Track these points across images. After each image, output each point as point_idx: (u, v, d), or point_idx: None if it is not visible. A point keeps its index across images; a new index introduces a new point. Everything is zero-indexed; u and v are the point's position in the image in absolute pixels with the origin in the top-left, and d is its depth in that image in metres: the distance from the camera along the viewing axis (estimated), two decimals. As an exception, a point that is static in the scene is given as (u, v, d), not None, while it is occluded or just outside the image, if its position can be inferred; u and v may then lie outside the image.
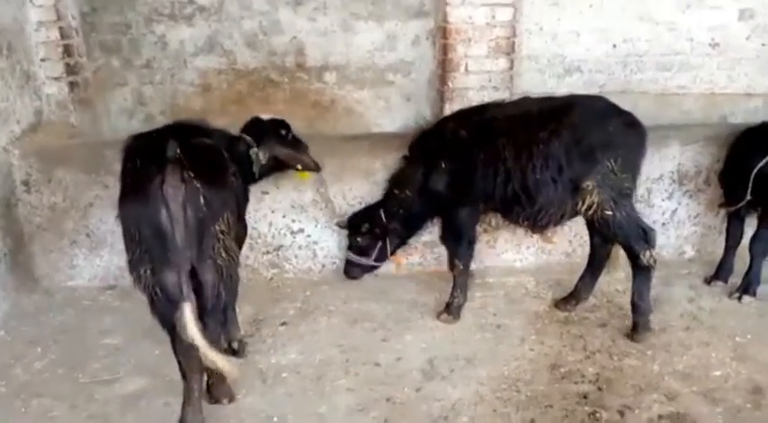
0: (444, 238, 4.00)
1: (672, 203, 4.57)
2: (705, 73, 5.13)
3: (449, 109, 4.58)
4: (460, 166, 3.68)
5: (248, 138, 3.45)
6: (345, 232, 4.23)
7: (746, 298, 4.04)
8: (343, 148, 4.42)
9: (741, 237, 4.23)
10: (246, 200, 3.49)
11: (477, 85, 4.68)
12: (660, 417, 3.03)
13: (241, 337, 3.58)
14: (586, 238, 4.56)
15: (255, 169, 3.47)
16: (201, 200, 2.62)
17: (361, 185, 4.34)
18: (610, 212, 3.48)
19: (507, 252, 4.63)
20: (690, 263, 4.61)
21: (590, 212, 3.52)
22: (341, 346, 3.62)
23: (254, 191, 4.17)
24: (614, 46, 4.99)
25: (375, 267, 4.16)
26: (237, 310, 3.88)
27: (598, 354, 3.53)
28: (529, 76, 5.01)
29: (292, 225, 4.35)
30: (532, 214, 3.65)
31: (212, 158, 2.87)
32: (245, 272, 4.34)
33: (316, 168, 3.81)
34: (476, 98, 4.57)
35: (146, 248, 2.67)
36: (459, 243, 3.90)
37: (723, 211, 4.36)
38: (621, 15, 4.92)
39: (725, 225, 4.36)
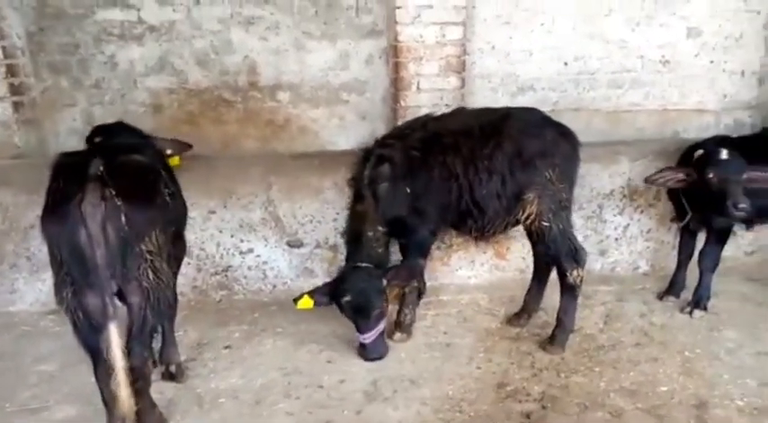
0: (405, 259, 3.86)
1: (624, 219, 4.58)
2: (657, 90, 5.19)
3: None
4: (421, 185, 3.62)
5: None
6: (297, 250, 4.17)
7: (697, 312, 4.04)
8: (293, 167, 4.38)
9: (693, 252, 4.24)
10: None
11: (429, 103, 4.67)
12: (604, 435, 2.98)
13: (180, 362, 3.47)
14: (540, 254, 4.58)
15: None
16: (123, 218, 2.54)
17: (311, 204, 4.29)
18: (547, 223, 3.50)
19: (461, 269, 4.60)
20: (644, 278, 4.61)
21: (528, 222, 3.54)
22: (284, 369, 3.53)
23: (201, 210, 4.15)
24: (566, 64, 5.04)
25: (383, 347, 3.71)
26: (181, 333, 3.83)
27: (545, 371, 3.48)
28: (482, 94, 5.03)
29: (241, 245, 4.28)
30: (482, 226, 3.65)
31: (139, 176, 2.80)
32: (193, 294, 4.30)
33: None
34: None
35: (67, 270, 2.59)
36: (419, 263, 3.83)
37: (674, 227, 4.37)
38: (573, 34, 4.98)
39: (677, 240, 4.37)
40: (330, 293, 3.55)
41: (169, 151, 3.63)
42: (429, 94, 4.66)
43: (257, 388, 3.37)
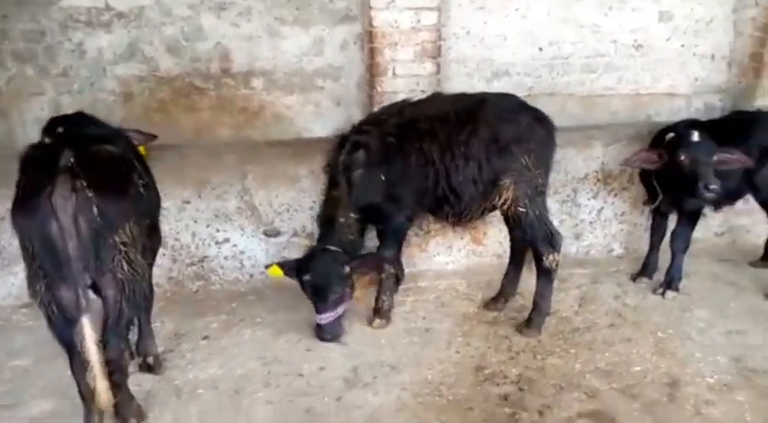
0: (382, 246, 3.89)
1: (598, 202, 4.64)
2: (630, 74, 5.24)
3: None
4: (397, 172, 3.62)
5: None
6: (274, 239, 4.15)
7: (669, 293, 4.12)
8: (269, 155, 4.34)
9: (665, 234, 4.32)
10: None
11: (405, 88, 4.65)
12: (579, 415, 3.04)
13: (158, 353, 3.44)
14: (516, 238, 4.62)
15: None
16: (95, 210, 2.50)
17: (287, 192, 4.26)
18: (523, 209, 3.54)
19: (439, 255, 4.62)
20: (618, 260, 4.69)
21: (505, 207, 3.57)
22: (263, 359, 3.53)
23: (175, 200, 4.10)
24: (540, 49, 5.05)
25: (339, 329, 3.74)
26: (158, 324, 3.80)
27: (522, 354, 3.54)
28: (458, 79, 5.02)
29: (217, 235, 4.24)
30: (459, 211, 3.69)
31: (110, 167, 2.74)
32: (169, 285, 4.25)
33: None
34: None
35: (39, 263, 2.55)
36: (395, 249, 3.87)
37: (647, 209, 4.44)
38: (546, 19, 4.99)
39: (649, 222, 4.45)
40: (295, 269, 3.60)
41: (135, 142, 3.56)
42: (405, 80, 4.64)
43: (236, 378, 3.36)
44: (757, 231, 4.79)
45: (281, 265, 3.66)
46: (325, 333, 3.63)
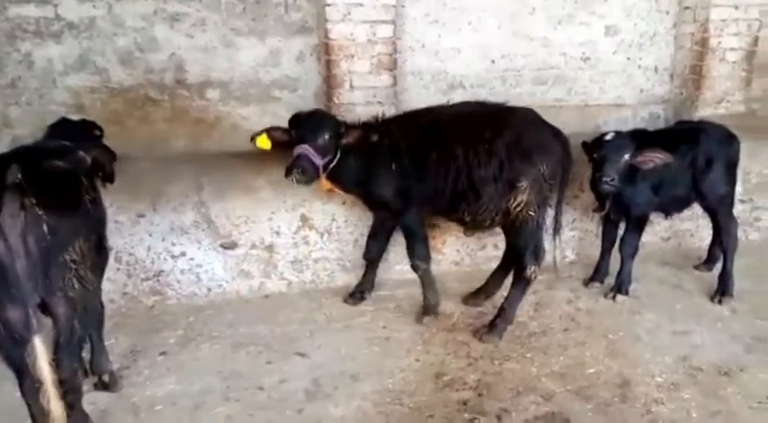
0: (407, 244, 4.07)
1: (550, 209, 4.76)
2: (579, 86, 5.44)
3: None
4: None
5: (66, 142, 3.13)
6: (232, 252, 4.11)
7: (620, 297, 4.27)
8: (225, 166, 4.31)
9: (614, 240, 4.47)
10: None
11: (362, 100, 4.72)
12: (536, 418, 3.11)
13: (113, 370, 3.36)
14: (473, 247, 4.73)
15: None
16: (45, 228, 2.44)
17: (245, 204, 4.24)
18: (533, 214, 3.71)
19: (399, 264, 4.66)
20: (571, 266, 4.83)
21: (518, 210, 3.69)
22: (222, 373, 3.49)
23: (129, 214, 4.03)
24: (493, 62, 5.19)
25: (317, 176, 3.73)
26: (113, 340, 3.72)
27: (481, 360, 3.60)
28: (414, 91, 5.11)
29: (173, 248, 4.17)
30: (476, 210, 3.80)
31: (60, 183, 2.68)
32: (123, 300, 4.17)
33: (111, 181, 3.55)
34: (363, 113, 4.57)
35: (-13, 283, 2.47)
36: (417, 243, 3.99)
37: (597, 216, 4.60)
38: (498, 32, 5.14)
39: (600, 229, 4.60)
40: (290, 122, 3.78)
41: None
42: (362, 92, 4.71)
43: (195, 393, 3.31)
44: (701, 235, 5.03)
45: (270, 130, 3.77)
46: (296, 165, 3.59)
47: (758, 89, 5.71)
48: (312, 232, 4.42)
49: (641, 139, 4.00)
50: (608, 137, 3.95)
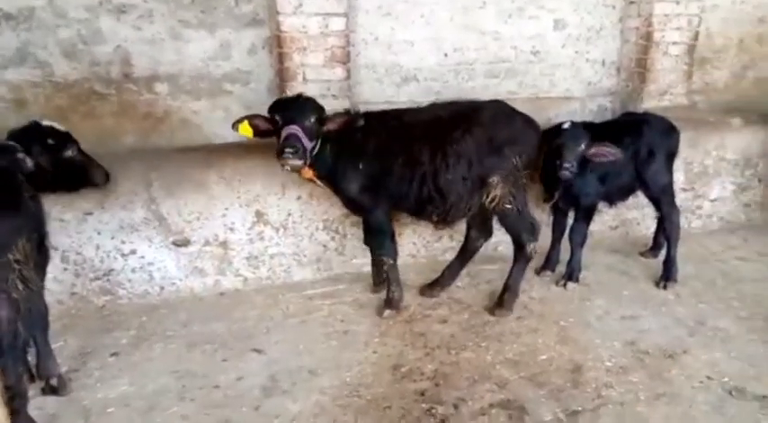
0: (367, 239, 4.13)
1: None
2: (529, 79, 5.54)
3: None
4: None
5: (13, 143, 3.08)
6: (185, 249, 4.03)
7: (570, 284, 4.40)
8: (176, 161, 4.22)
9: (564, 229, 4.59)
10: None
11: (316, 93, 4.63)
12: (491, 405, 3.17)
13: (61, 373, 3.26)
14: (429, 239, 4.78)
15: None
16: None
17: (196, 199, 4.16)
18: (509, 206, 3.83)
19: (356, 258, 4.67)
20: (524, 255, 4.92)
21: (492, 205, 3.82)
22: (177, 372, 3.43)
23: (75, 212, 3.91)
24: (446, 55, 5.23)
25: (307, 159, 3.59)
26: (62, 343, 3.63)
27: (437, 349, 3.65)
28: (368, 84, 5.11)
29: (122, 247, 4.06)
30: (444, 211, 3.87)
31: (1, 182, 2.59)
32: (72, 301, 4.05)
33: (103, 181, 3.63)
34: (317, 107, 4.57)
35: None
36: (384, 239, 3.99)
37: (547, 207, 4.70)
38: (450, 25, 5.17)
39: (550, 219, 4.71)
40: (271, 107, 3.66)
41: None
42: (316, 85, 4.67)
43: (149, 394, 3.25)
44: (647, 224, 5.20)
45: (250, 117, 3.67)
46: (288, 144, 3.44)
47: (699, 82, 5.95)
48: (267, 228, 4.38)
49: (590, 130, 4.11)
50: (566, 125, 4.06)
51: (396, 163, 3.75)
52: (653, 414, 3.11)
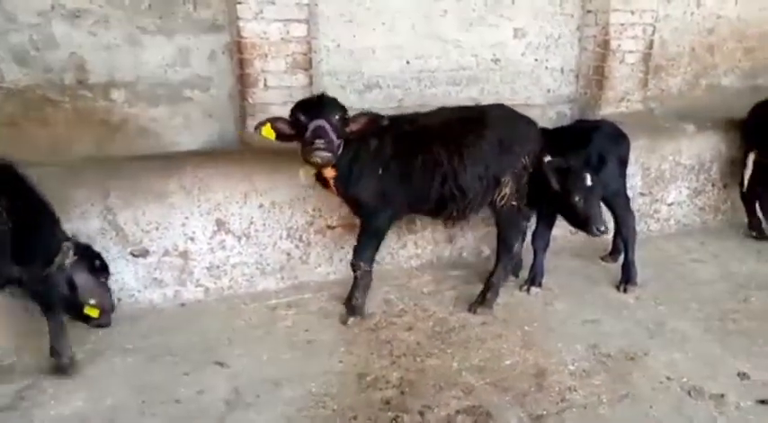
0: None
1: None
2: (491, 86, 5.60)
3: (252, 124, 4.47)
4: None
5: None
6: (143, 260, 3.93)
7: (534, 289, 4.44)
8: (133, 170, 4.11)
9: (526, 234, 4.63)
10: None
11: (278, 100, 4.63)
12: (458, 412, 3.17)
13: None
14: (395, 246, 4.78)
15: None
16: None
17: (154, 209, 4.06)
18: (515, 203, 4.02)
19: (321, 266, 4.63)
20: (487, 261, 4.92)
21: (502, 202, 4.01)
22: (136, 387, 3.33)
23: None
24: (408, 62, 5.25)
25: (336, 153, 3.61)
26: (14, 359, 3.47)
27: (403, 357, 3.64)
28: (331, 91, 4.98)
29: (78, 258, 3.93)
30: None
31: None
32: (26, 314, 3.86)
33: None
34: (280, 113, 4.50)
35: None
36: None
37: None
38: (412, 33, 5.19)
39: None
40: (294, 108, 3.69)
41: None
42: (277, 92, 4.63)
43: (107, 410, 3.14)
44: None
45: (272, 120, 3.66)
46: (317, 135, 3.44)
47: (655, 89, 6.12)
48: (229, 237, 4.30)
49: (543, 136, 4.18)
50: None
51: (416, 166, 3.83)
52: (615, 416, 3.15)
